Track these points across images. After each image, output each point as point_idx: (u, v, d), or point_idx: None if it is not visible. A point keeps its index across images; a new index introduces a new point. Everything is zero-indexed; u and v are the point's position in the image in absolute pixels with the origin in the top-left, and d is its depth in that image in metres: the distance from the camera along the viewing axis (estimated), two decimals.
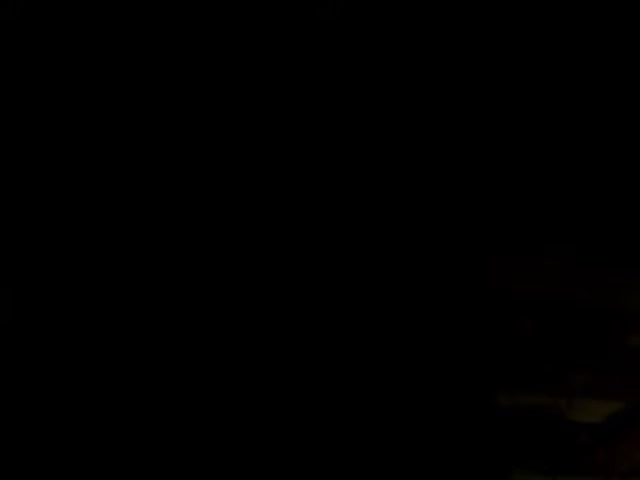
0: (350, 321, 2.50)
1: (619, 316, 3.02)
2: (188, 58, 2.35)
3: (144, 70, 2.36)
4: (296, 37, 2.19)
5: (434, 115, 2.48)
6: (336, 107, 2.39)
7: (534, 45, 2.34)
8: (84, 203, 2.37)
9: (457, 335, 2.55)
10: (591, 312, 3.00)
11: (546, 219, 2.74)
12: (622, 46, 2.35)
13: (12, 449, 2.22)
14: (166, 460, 2.30)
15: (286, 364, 2.40)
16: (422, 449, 2.45)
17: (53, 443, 2.24)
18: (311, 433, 2.36)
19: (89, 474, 2.25)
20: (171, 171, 2.46)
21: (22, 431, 2.23)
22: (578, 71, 2.43)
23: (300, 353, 2.44)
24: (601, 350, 3.15)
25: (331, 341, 2.47)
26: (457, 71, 2.35)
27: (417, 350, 2.55)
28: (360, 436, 2.40)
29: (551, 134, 2.59)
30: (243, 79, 2.35)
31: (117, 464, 2.27)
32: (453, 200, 2.60)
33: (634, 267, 2.82)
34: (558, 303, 2.99)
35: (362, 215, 2.54)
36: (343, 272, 2.51)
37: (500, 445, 2.45)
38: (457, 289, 2.59)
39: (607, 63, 2.42)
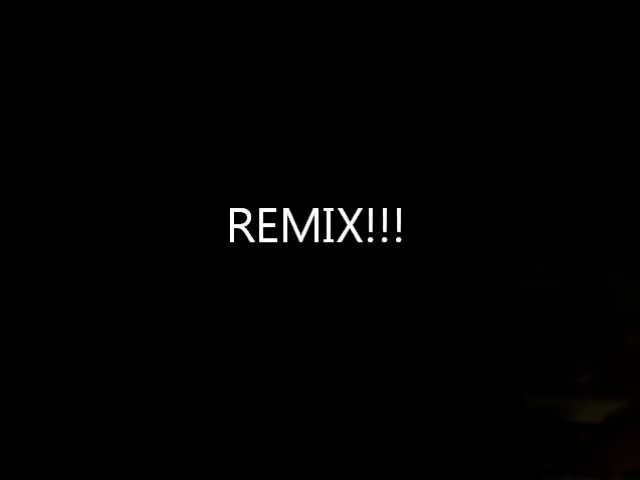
0: (364, 327, 2.51)
1: (619, 316, 3.03)
2: (190, 61, 2.35)
3: (145, 77, 2.37)
4: (299, 41, 2.20)
5: (436, 120, 2.49)
6: (340, 109, 2.40)
7: (537, 48, 2.35)
8: (88, 209, 2.38)
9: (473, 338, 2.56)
10: (591, 312, 3.01)
11: (546, 220, 2.75)
12: (622, 48, 2.37)
13: (14, 448, 2.22)
14: (166, 460, 2.31)
15: (310, 382, 2.41)
16: (441, 449, 2.46)
17: (55, 442, 2.25)
18: (340, 436, 2.37)
19: (91, 474, 2.25)
20: (171, 174, 2.47)
21: (25, 430, 2.24)
22: (583, 76, 2.44)
23: (316, 358, 2.45)
24: (601, 350, 3.16)
25: (348, 349, 2.48)
26: (463, 72, 2.36)
27: (430, 352, 2.56)
28: (380, 437, 2.40)
29: (550, 133, 2.60)
30: (246, 83, 2.35)
31: (118, 463, 2.27)
32: (457, 204, 2.61)
33: (634, 267, 2.83)
34: (558, 303, 3.00)
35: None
36: (354, 280, 2.51)
37: (524, 444, 2.46)
38: (471, 292, 2.60)
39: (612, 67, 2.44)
